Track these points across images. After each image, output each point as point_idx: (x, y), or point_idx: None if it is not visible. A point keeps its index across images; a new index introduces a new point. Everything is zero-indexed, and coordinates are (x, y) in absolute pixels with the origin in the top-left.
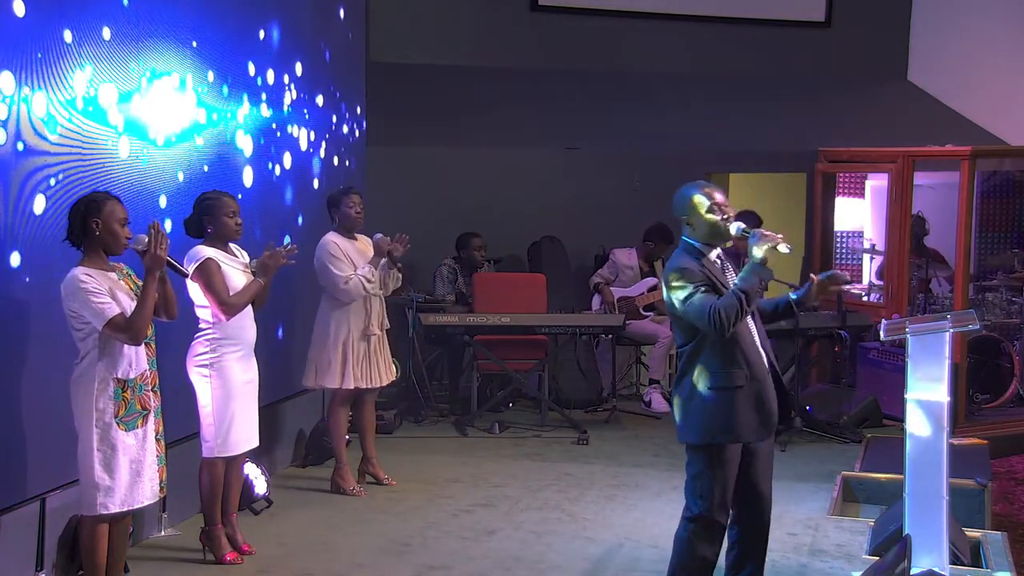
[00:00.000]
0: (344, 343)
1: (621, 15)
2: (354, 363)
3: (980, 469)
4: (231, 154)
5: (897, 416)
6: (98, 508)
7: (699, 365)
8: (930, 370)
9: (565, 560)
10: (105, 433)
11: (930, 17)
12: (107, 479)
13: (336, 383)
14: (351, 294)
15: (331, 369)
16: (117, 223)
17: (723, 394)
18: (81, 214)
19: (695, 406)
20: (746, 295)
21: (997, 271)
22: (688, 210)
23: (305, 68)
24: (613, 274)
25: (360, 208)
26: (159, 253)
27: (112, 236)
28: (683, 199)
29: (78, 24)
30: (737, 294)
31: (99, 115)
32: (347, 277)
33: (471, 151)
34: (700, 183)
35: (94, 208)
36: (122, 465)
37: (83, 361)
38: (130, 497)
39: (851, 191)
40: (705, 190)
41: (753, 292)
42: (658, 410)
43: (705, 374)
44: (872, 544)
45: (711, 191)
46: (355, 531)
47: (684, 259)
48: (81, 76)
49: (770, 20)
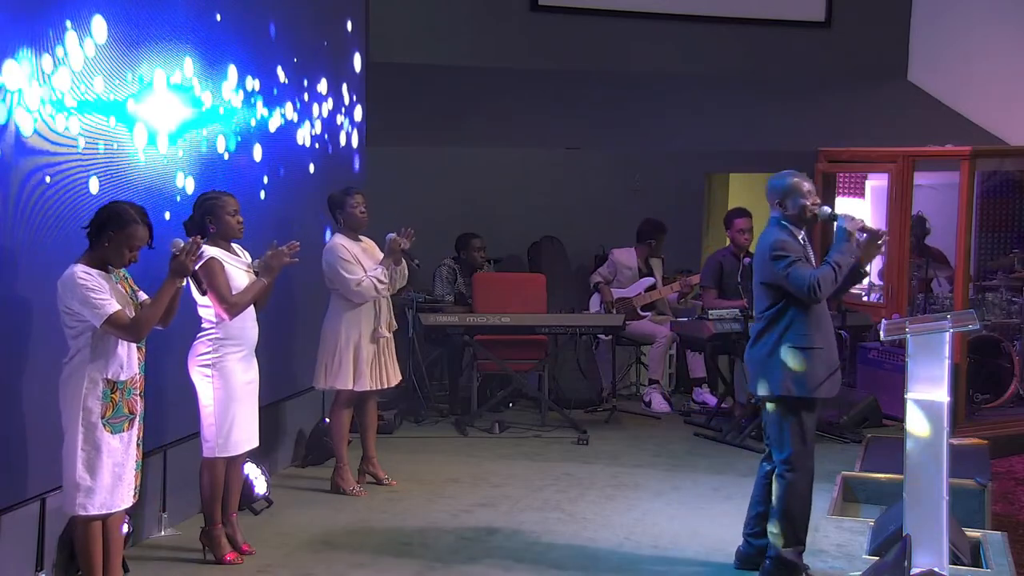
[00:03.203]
0: (356, 345)
1: (621, 15)
2: (365, 365)
3: (980, 469)
4: (231, 154)
5: (897, 416)
6: (77, 508)
7: (783, 326)
8: (930, 370)
9: (565, 560)
10: (90, 433)
11: (930, 17)
12: (88, 479)
13: (348, 384)
14: (364, 295)
15: (342, 370)
16: (129, 247)
17: (803, 353)
18: (102, 221)
19: (775, 362)
20: (839, 266)
21: (997, 271)
22: (784, 193)
23: (305, 68)
24: (612, 274)
25: (364, 208)
26: (187, 263)
27: (118, 254)
28: (781, 182)
29: (80, 23)
30: (832, 266)
31: (100, 114)
32: (359, 279)
33: (471, 151)
34: (794, 172)
35: (115, 223)
36: (104, 467)
37: (73, 360)
38: (110, 500)
39: (851, 191)
40: (797, 177)
41: (845, 264)
42: (658, 410)
43: (790, 334)
44: (872, 544)
45: (802, 179)
46: (355, 531)
47: (781, 233)
48: (82, 74)
49: (770, 20)
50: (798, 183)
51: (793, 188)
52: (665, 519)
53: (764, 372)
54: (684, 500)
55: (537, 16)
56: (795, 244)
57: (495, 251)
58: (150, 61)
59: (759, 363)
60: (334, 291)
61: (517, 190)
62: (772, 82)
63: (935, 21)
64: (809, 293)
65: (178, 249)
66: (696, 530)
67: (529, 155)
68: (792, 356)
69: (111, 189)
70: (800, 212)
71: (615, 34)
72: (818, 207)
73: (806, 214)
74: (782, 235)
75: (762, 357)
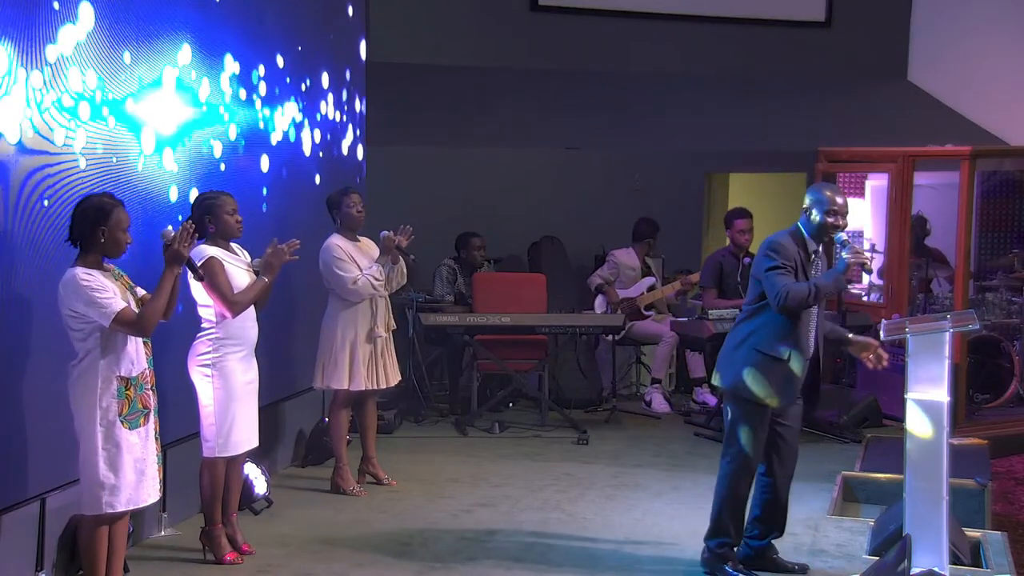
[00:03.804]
0: (352, 344)
1: (621, 15)
2: (361, 364)
3: (980, 469)
4: (231, 155)
5: (897, 416)
6: (103, 507)
7: (756, 325)
8: (930, 370)
9: (565, 560)
10: (109, 431)
11: (930, 17)
12: (112, 478)
13: (344, 384)
14: (360, 294)
15: (338, 370)
16: (122, 231)
17: (763, 358)
18: (90, 221)
19: (737, 357)
20: (818, 289)
21: (997, 271)
22: (812, 203)
23: (305, 68)
24: (614, 275)
25: (361, 207)
26: (181, 249)
27: (116, 244)
28: (814, 193)
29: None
30: (811, 286)
31: (101, 114)
32: (355, 278)
33: (471, 151)
34: (830, 185)
35: (103, 216)
36: (127, 464)
37: (83, 361)
38: (136, 495)
39: (851, 191)
40: (829, 192)
41: (825, 289)
42: (658, 410)
43: (758, 336)
44: (872, 544)
45: (835, 195)
46: (355, 531)
47: (786, 238)
48: (83, 75)
49: (770, 20)
50: (829, 197)
51: (819, 201)
52: (665, 519)
53: (725, 363)
54: (684, 500)
55: (537, 16)
56: (790, 251)
57: (495, 251)
58: (151, 61)
59: (726, 353)
60: (331, 291)
61: (517, 190)
62: (772, 82)
63: (935, 21)
64: (776, 302)
65: (168, 238)
66: (696, 530)
67: (529, 155)
68: (752, 358)
69: (112, 190)
70: (819, 227)
71: (615, 34)
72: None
73: (824, 231)
74: (784, 239)
75: (729, 349)
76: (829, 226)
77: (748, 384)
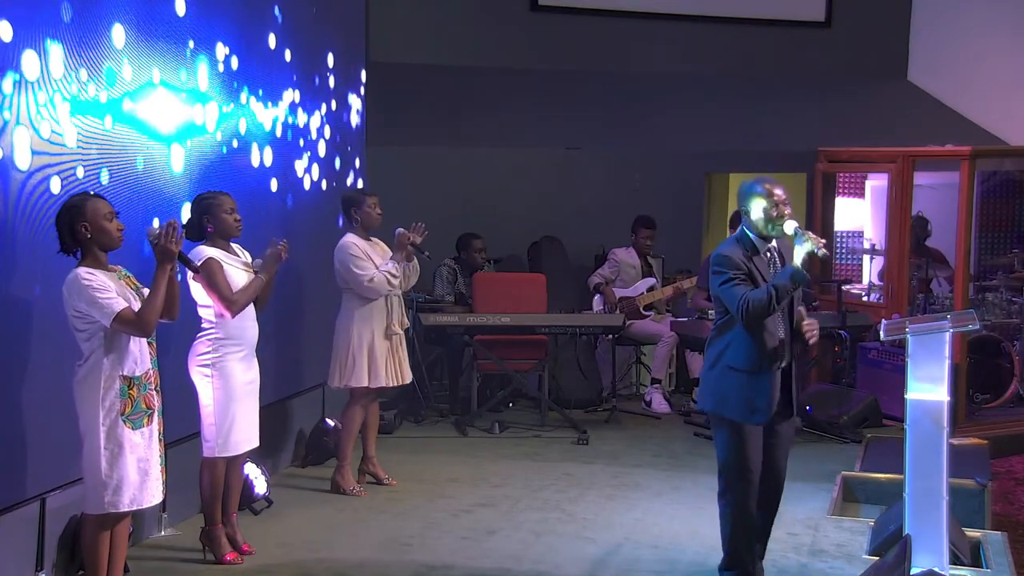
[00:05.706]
0: (370, 342)
1: (621, 15)
2: (380, 361)
3: (980, 469)
4: (231, 155)
5: (897, 416)
6: (106, 506)
7: (725, 342)
8: (930, 370)
9: (565, 560)
10: (111, 431)
11: (930, 17)
12: (115, 477)
13: (363, 382)
14: (377, 290)
15: (358, 368)
16: (104, 219)
17: (735, 374)
18: (67, 222)
19: (714, 375)
20: (777, 291)
21: (997, 271)
22: (747, 201)
23: (304, 68)
24: (614, 274)
25: (380, 209)
26: (169, 245)
27: (104, 233)
28: (745, 191)
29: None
30: (769, 290)
31: (102, 114)
32: (371, 275)
33: (471, 151)
34: (764, 178)
35: (77, 212)
36: (129, 463)
37: (88, 361)
38: (140, 496)
39: (851, 191)
40: (766, 185)
41: (784, 289)
42: (658, 410)
43: (730, 352)
44: (872, 544)
45: (771, 187)
46: (355, 531)
47: (731, 248)
48: (83, 75)
49: (770, 20)
50: (765, 188)
51: (754, 197)
52: (665, 519)
53: (703, 385)
54: (684, 500)
55: (537, 16)
56: (738, 259)
57: (495, 251)
58: (151, 60)
59: (703, 374)
60: (347, 290)
61: (517, 190)
62: (772, 82)
63: (935, 21)
64: (739, 314)
65: (154, 236)
66: (696, 530)
67: (529, 155)
68: (728, 377)
69: (112, 189)
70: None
71: (615, 34)
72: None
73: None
74: (725, 249)
75: (705, 370)
76: (771, 217)
77: (721, 401)
